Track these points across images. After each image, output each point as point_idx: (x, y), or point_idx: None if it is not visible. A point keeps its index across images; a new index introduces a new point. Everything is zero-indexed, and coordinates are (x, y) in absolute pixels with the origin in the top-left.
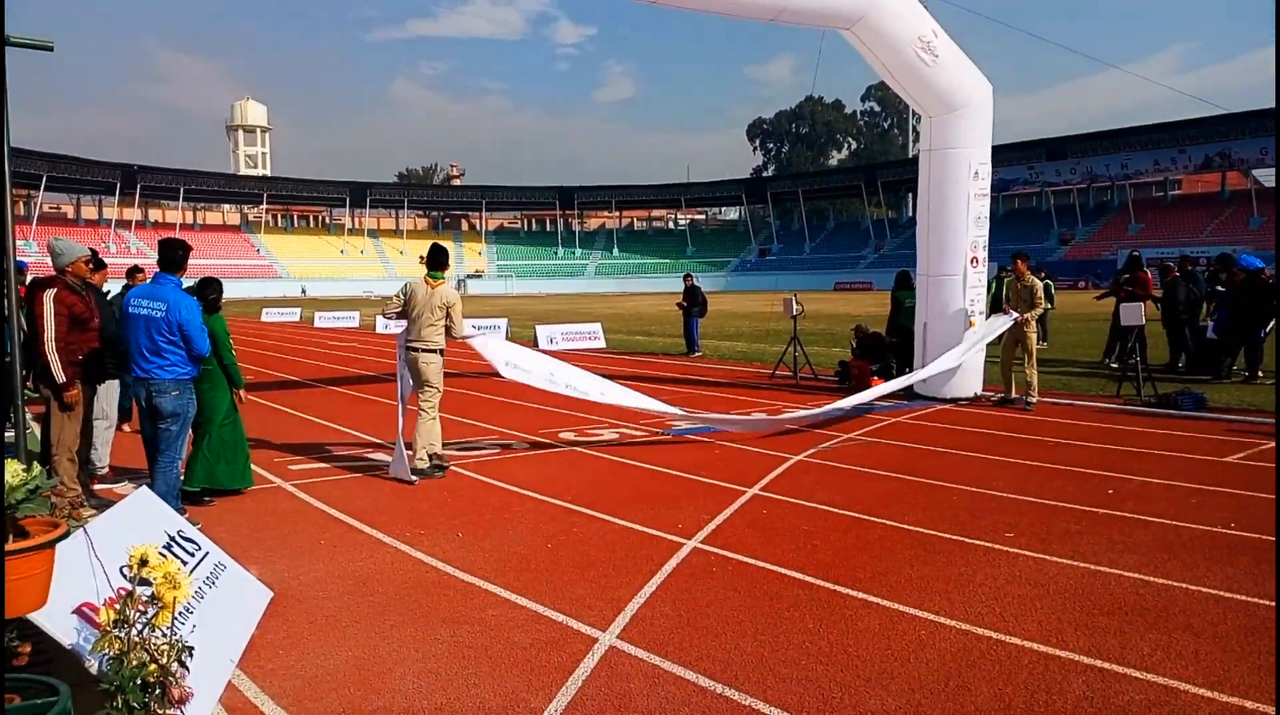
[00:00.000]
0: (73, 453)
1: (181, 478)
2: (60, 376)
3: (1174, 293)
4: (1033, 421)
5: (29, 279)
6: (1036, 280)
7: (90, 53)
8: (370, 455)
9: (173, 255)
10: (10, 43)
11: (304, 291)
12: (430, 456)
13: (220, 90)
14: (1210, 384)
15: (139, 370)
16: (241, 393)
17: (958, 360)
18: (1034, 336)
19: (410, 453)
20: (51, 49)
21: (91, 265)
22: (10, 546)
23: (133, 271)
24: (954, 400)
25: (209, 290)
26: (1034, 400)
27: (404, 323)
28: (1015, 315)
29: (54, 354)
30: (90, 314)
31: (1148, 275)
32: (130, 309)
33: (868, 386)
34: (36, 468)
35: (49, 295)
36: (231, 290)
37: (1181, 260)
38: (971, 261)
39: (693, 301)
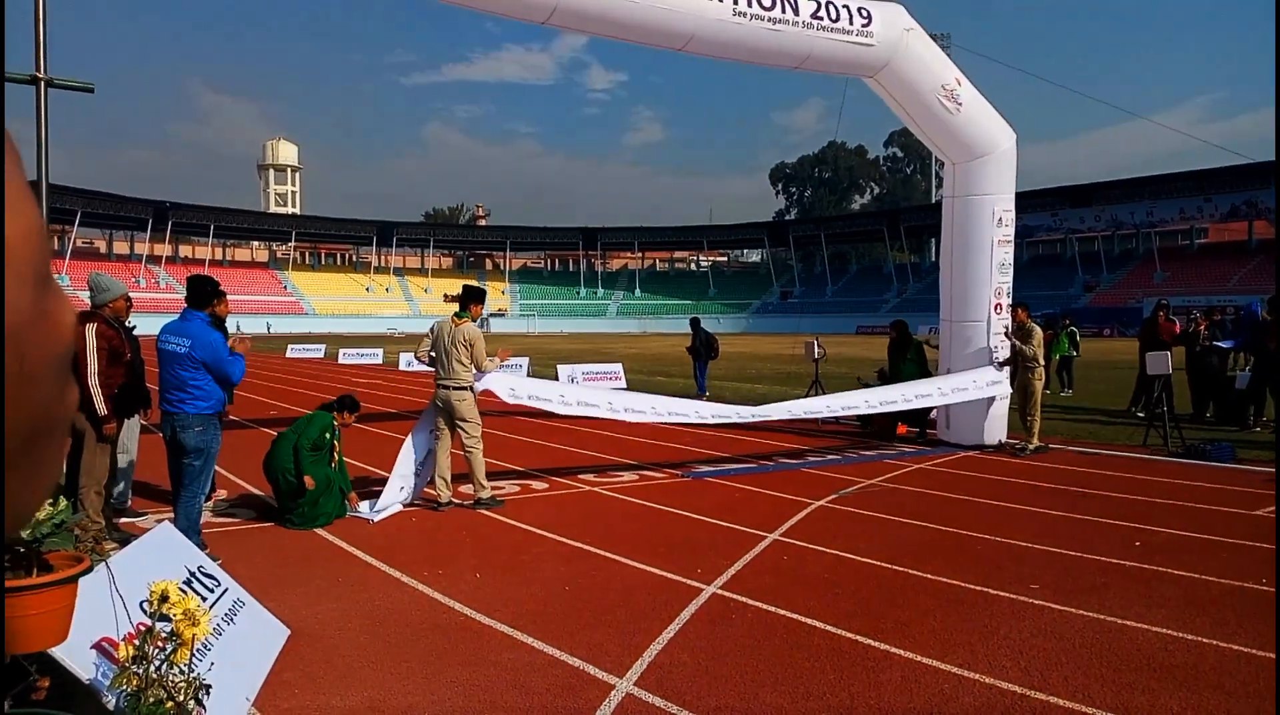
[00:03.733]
0: (101, 486)
1: (203, 510)
2: (102, 409)
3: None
4: (1058, 471)
5: None
6: (1036, 327)
7: (134, 93)
8: None
9: (201, 291)
10: (54, 84)
11: (269, 328)
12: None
13: (255, 130)
14: (1237, 435)
15: (166, 405)
16: (308, 481)
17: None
18: (1040, 383)
19: (442, 484)
20: (92, 91)
21: (128, 302)
22: (34, 580)
23: None
24: (978, 447)
25: (339, 400)
26: (1032, 447)
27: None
28: (1003, 376)
29: (97, 387)
30: (124, 349)
31: (1172, 323)
32: (160, 346)
33: (892, 432)
34: (63, 502)
35: (90, 329)
36: (259, 326)
37: (1206, 311)
38: (995, 308)
39: (695, 345)
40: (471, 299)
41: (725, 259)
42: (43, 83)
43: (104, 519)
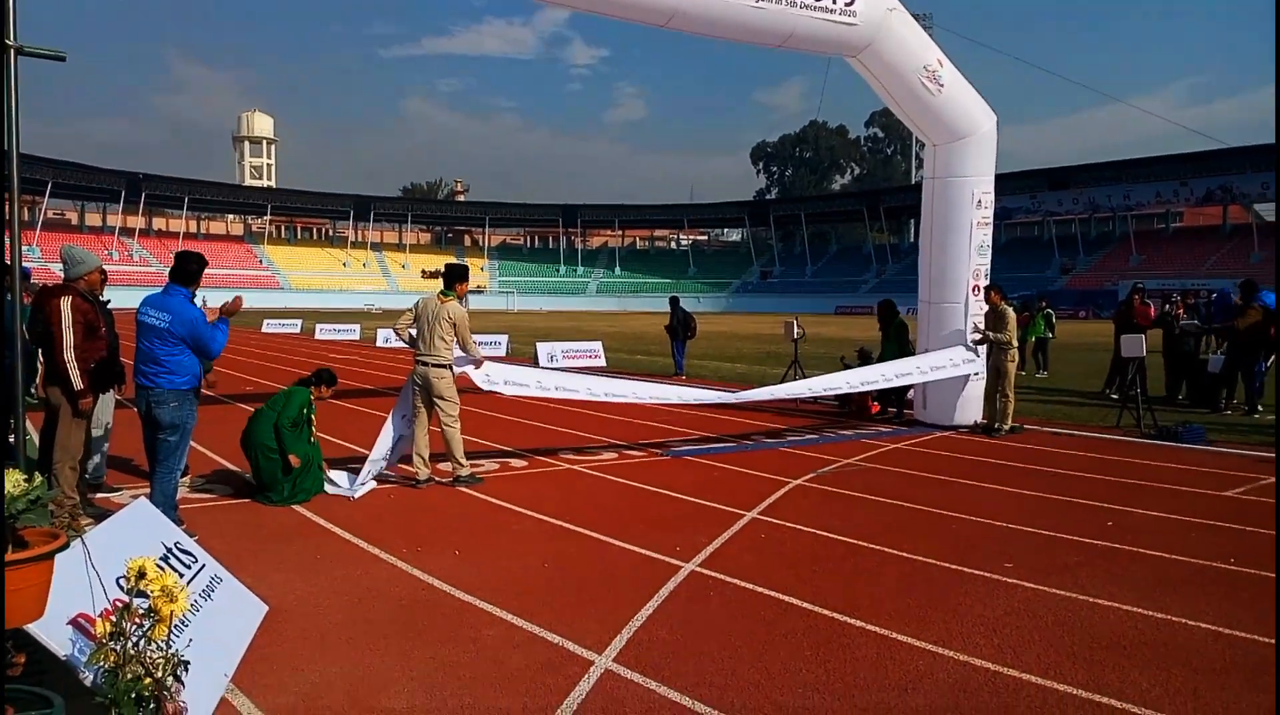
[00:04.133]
0: (75, 461)
1: (179, 485)
2: (79, 383)
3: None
4: (1032, 451)
5: (33, 285)
6: (1009, 309)
7: (107, 61)
8: None
9: (187, 268)
10: (24, 52)
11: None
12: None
13: (230, 102)
14: (1209, 417)
15: (141, 378)
16: (292, 457)
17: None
18: (1013, 365)
19: (421, 463)
20: (64, 59)
21: (102, 276)
22: (9, 557)
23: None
24: (954, 427)
25: (315, 374)
26: (1006, 427)
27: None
28: (977, 355)
29: (73, 361)
30: (99, 323)
31: (1148, 307)
32: (139, 317)
33: (868, 411)
34: (38, 478)
35: (65, 302)
36: (227, 300)
37: (1183, 294)
38: (973, 290)
39: (673, 323)
40: (456, 277)
41: (705, 238)
42: (12, 50)
43: (79, 494)
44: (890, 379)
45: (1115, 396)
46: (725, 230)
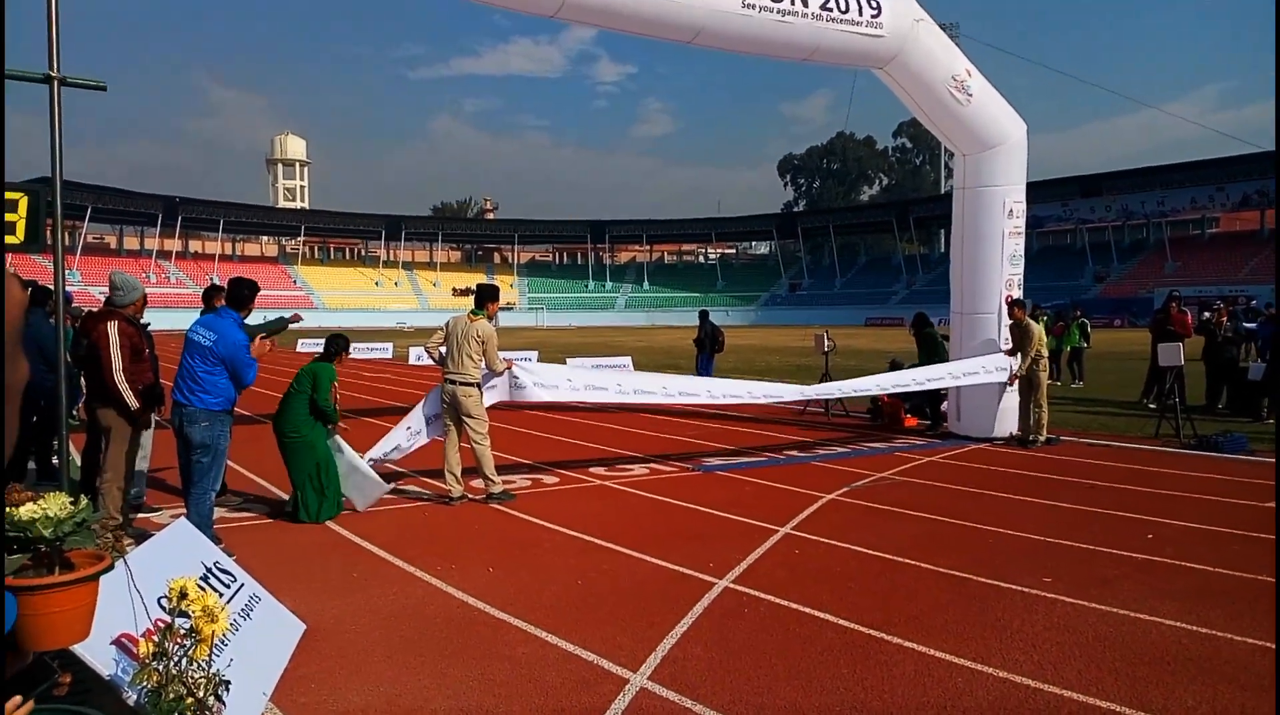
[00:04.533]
0: (123, 481)
1: (214, 506)
2: (134, 402)
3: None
4: (1069, 463)
5: (75, 309)
6: (1032, 324)
7: (143, 88)
8: (403, 487)
9: (239, 293)
10: (67, 83)
11: (265, 321)
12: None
13: (263, 125)
14: (1251, 426)
15: (178, 394)
16: (338, 425)
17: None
18: (1044, 376)
19: (453, 479)
20: (105, 89)
21: (144, 300)
22: (60, 578)
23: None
24: (988, 439)
25: (332, 345)
26: (1041, 439)
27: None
28: (1012, 362)
29: (123, 382)
30: (144, 346)
31: (1185, 314)
32: (189, 334)
33: (901, 423)
34: (83, 500)
35: (113, 327)
36: (256, 319)
37: (1225, 301)
38: (1006, 300)
39: (700, 337)
40: (487, 297)
41: (733, 251)
42: (56, 82)
43: (121, 515)
44: (921, 383)
45: (1153, 406)
46: (753, 243)
